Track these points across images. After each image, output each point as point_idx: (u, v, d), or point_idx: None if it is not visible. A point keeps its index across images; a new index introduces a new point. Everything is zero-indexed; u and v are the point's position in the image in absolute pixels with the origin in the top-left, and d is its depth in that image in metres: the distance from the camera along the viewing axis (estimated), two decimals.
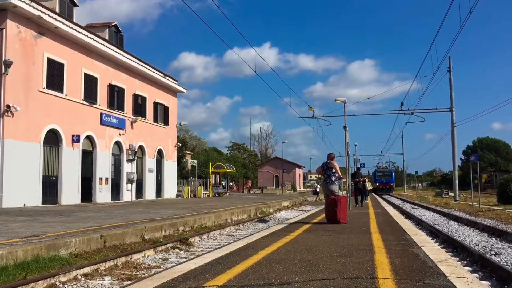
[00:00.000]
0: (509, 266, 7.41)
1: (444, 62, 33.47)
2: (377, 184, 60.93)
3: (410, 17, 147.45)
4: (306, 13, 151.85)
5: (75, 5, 24.49)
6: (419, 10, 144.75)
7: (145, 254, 8.54)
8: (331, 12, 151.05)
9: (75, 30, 21.65)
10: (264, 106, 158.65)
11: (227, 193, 42.94)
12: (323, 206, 13.23)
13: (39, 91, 19.71)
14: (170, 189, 32.44)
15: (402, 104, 35.01)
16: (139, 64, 27.92)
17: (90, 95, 23.22)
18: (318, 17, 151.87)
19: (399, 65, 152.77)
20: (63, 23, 20.72)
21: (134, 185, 27.13)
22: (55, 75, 20.69)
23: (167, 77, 31.86)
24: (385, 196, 50.48)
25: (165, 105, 31.98)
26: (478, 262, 7.74)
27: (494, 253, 8.80)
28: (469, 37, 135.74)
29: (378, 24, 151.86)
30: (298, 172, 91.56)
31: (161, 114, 31.45)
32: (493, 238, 11.51)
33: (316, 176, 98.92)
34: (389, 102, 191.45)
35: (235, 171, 51.36)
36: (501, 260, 8.01)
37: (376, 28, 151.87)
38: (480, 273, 7.07)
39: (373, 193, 52.21)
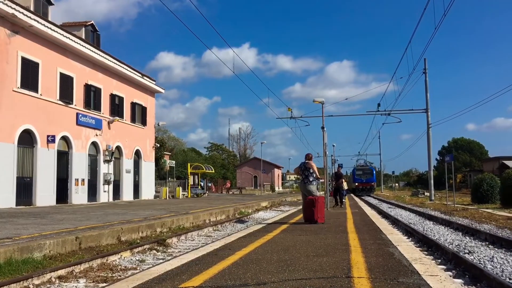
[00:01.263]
0: (481, 264, 7.56)
1: (420, 63, 34.03)
2: (356, 183, 55.82)
3: (388, 18, 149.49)
4: (285, 14, 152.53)
5: (51, 4, 24.09)
6: (397, 11, 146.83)
7: (121, 255, 8.45)
8: (310, 13, 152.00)
9: (50, 29, 21.30)
10: (243, 106, 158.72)
11: (206, 194, 42.79)
12: (301, 207, 13.29)
13: (13, 90, 19.33)
14: (148, 190, 32.18)
15: (379, 105, 35.48)
16: (116, 64, 27.62)
17: (65, 95, 22.87)
18: (297, 18, 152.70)
19: (377, 66, 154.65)
20: (38, 21, 20.37)
21: (111, 186, 26.81)
22: (29, 75, 20.32)
23: (145, 77, 31.59)
24: (364, 197, 47.88)
25: (143, 105, 31.71)
26: (452, 261, 7.88)
27: (467, 252, 8.97)
28: (445, 40, 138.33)
29: (356, 25, 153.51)
30: (277, 172, 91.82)
31: (139, 114, 31.17)
32: (467, 237, 11.73)
33: (294, 177, 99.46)
34: (366, 103, 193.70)
35: (213, 171, 51.22)
36: (474, 258, 8.16)
37: (354, 29, 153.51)
38: (453, 271, 7.19)
39: (352, 194, 50.40)
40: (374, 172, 58.63)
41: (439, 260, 8.19)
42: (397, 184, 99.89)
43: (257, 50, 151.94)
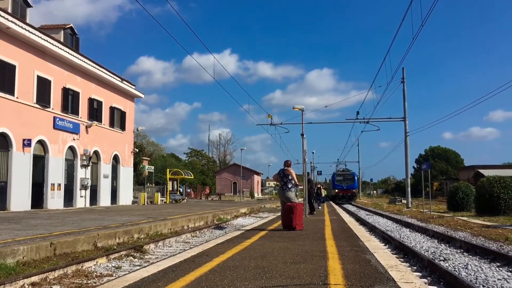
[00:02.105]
0: (456, 271, 7.67)
1: (398, 72, 34.58)
2: (336, 190, 51.64)
3: (368, 27, 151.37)
4: (266, 21, 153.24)
5: (29, 6, 23.77)
6: (376, 20, 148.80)
7: (97, 262, 8.34)
8: (291, 21, 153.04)
9: (28, 31, 20.99)
10: (223, 112, 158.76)
11: (185, 200, 42.51)
12: (280, 213, 13.31)
13: None
14: (126, 196, 31.83)
15: (358, 113, 35.86)
16: (95, 68, 27.35)
17: (43, 98, 22.51)
18: (278, 26, 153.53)
19: (356, 75, 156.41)
20: (15, 23, 20.05)
21: (88, 191, 26.45)
22: (5, 77, 19.95)
23: (124, 82, 31.34)
24: (345, 205, 44.59)
25: (122, 109, 31.42)
26: (428, 268, 7.98)
27: (443, 259, 9.10)
28: (423, 49, 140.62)
29: (336, 34, 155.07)
30: (257, 179, 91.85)
31: (118, 119, 30.87)
32: (442, 244, 11.90)
33: (274, 183, 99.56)
34: (346, 111, 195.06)
35: (193, 177, 50.92)
36: (449, 265, 8.28)
37: (334, 38, 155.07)
38: (429, 278, 7.29)
39: (331, 202, 47.31)
40: (356, 178, 54.40)
41: (415, 267, 8.29)
42: (375, 192, 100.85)
43: (238, 57, 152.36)
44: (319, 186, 32.76)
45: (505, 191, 20.60)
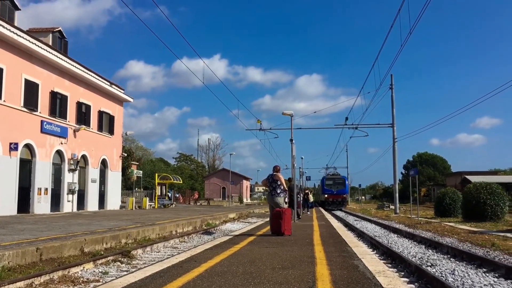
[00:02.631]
0: (443, 277, 7.72)
1: (387, 79, 34.78)
2: (326, 195, 48.15)
3: (358, 33, 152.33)
4: (257, 26, 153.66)
5: (17, 9, 23.61)
6: (366, 27, 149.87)
7: (84, 267, 8.26)
8: (282, 26, 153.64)
9: (16, 34, 20.82)
10: (213, 117, 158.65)
11: (173, 205, 42.33)
12: (269, 219, 13.31)
13: None
14: (114, 200, 31.61)
15: (346, 118, 35.97)
16: (84, 72, 27.19)
17: (30, 101, 22.32)
18: (268, 31, 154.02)
19: (346, 81, 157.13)
20: (3, 26, 19.89)
21: (75, 195, 26.22)
22: None
23: (113, 86, 31.19)
24: (335, 211, 42.58)
25: (111, 114, 31.25)
26: (415, 273, 8.02)
27: (430, 265, 9.15)
28: (411, 55, 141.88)
29: (326, 39, 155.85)
30: (245, 184, 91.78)
31: (106, 123, 30.70)
32: (430, 250, 11.98)
33: (263, 188, 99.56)
34: (335, 117, 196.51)
35: (181, 182, 50.79)
36: (436, 271, 8.33)
37: (324, 43, 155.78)
38: (416, 284, 7.33)
39: (320, 208, 45.21)
40: (347, 182, 50.58)
41: (403, 273, 8.33)
42: (363, 197, 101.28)
43: (227, 61, 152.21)
44: (307, 191, 32.78)
45: (491, 197, 20.81)
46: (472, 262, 9.43)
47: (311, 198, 30.95)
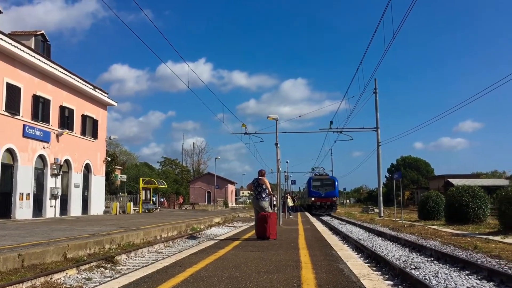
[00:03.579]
0: (427, 280, 7.79)
1: (371, 83, 35.11)
2: (313, 199, 42.68)
3: (342, 37, 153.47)
4: (242, 30, 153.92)
5: None
6: (350, 31, 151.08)
7: (66, 273, 8.16)
8: (266, 31, 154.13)
9: None
10: (197, 121, 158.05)
11: (158, 209, 42.05)
12: (254, 223, 13.30)
13: None
14: (98, 205, 31.28)
15: (331, 122, 36.19)
16: (67, 75, 26.91)
17: (12, 105, 22.00)
18: (253, 35, 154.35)
19: (330, 85, 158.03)
20: None
21: (58, 201, 25.88)
22: None
23: (97, 90, 30.92)
24: (323, 216, 38.36)
25: (94, 118, 30.97)
26: (399, 276, 8.08)
27: (414, 267, 9.23)
28: (395, 58, 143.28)
29: (311, 43, 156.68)
30: (231, 188, 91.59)
31: (90, 127, 30.40)
32: (414, 253, 12.08)
33: (248, 193, 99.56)
34: (320, 121, 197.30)
35: (166, 186, 50.50)
36: (420, 274, 8.40)
37: (309, 47, 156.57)
38: (400, 286, 7.39)
39: (306, 213, 40.07)
40: (337, 183, 44.71)
41: (387, 276, 8.39)
42: (348, 201, 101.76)
43: (212, 65, 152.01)
44: (286, 195, 32.49)
45: (473, 200, 21.06)
46: (455, 264, 9.54)
47: (290, 203, 30.67)
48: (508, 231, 15.38)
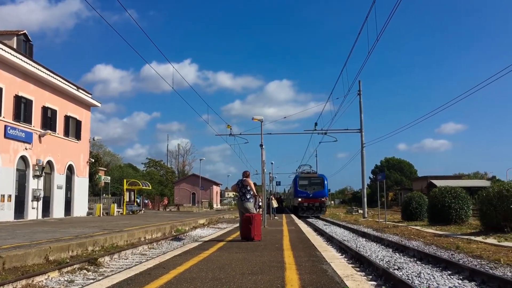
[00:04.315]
0: (409, 280, 7.87)
1: (355, 85, 35.32)
2: (300, 199, 38.75)
3: (327, 38, 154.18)
4: (227, 32, 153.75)
5: None
6: (335, 32, 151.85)
7: (48, 276, 8.06)
8: (252, 32, 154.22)
9: None
10: (182, 122, 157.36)
11: (142, 211, 41.76)
12: (238, 224, 13.29)
13: None
14: (81, 207, 30.95)
15: (316, 124, 36.26)
16: (50, 75, 26.60)
17: None
18: (239, 37, 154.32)
19: (315, 86, 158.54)
20: None
21: (40, 202, 25.55)
22: None
23: (80, 90, 30.62)
24: (311, 219, 34.89)
25: (78, 119, 30.66)
26: (382, 277, 8.15)
27: (397, 268, 9.32)
28: (379, 59, 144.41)
29: (297, 45, 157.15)
30: (216, 189, 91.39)
31: (73, 128, 30.09)
32: (397, 253, 12.19)
33: (233, 194, 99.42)
34: (304, 122, 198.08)
35: (150, 188, 50.19)
36: (403, 274, 8.48)
37: (295, 49, 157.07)
38: (383, 287, 7.45)
39: (292, 215, 36.83)
40: (326, 182, 40.37)
41: (370, 276, 8.45)
42: (332, 202, 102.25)
43: (197, 66, 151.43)
44: (271, 196, 32.41)
45: (456, 201, 21.33)
46: (437, 265, 9.65)
47: (274, 204, 30.54)
48: (490, 232, 15.61)
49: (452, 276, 8.23)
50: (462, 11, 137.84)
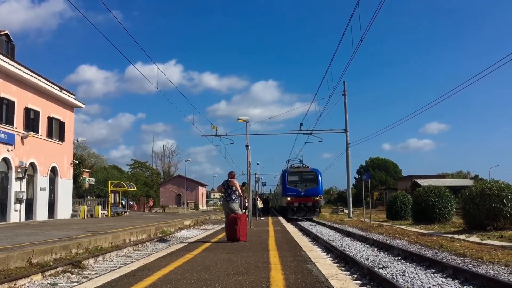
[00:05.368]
0: (394, 278, 7.93)
1: (340, 85, 35.49)
2: (289, 198, 32.27)
3: (312, 39, 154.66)
4: (212, 32, 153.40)
5: None
6: (320, 32, 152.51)
7: (31, 279, 7.96)
8: (237, 33, 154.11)
9: None
10: (168, 123, 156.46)
11: (127, 213, 41.45)
12: (224, 225, 13.27)
13: None
14: (65, 209, 30.60)
15: (301, 124, 36.28)
16: (32, 76, 26.25)
17: None
18: (224, 37, 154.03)
19: (301, 87, 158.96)
20: None
21: (23, 205, 25.20)
22: None
23: (63, 91, 30.29)
24: (301, 222, 30.46)
25: (61, 120, 30.32)
26: (367, 276, 8.20)
27: (381, 267, 9.38)
28: (364, 58, 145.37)
29: (283, 45, 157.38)
30: (201, 190, 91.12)
31: (56, 129, 29.74)
32: (382, 252, 12.28)
33: (219, 195, 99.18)
34: (290, 122, 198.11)
35: (136, 189, 49.84)
36: (387, 273, 8.55)
37: (281, 49, 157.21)
38: (368, 286, 7.49)
39: (280, 217, 30.92)
40: (320, 178, 33.62)
41: (355, 276, 8.49)
42: None
43: (183, 67, 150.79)
44: (256, 197, 31.95)
45: (439, 200, 21.55)
46: (421, 263, 9.74)
47: (260, 204, 30.15)
48: (473, 230, 15.81)
49: (436, 274, 8.31)
50: (444, 11, 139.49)
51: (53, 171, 29.36)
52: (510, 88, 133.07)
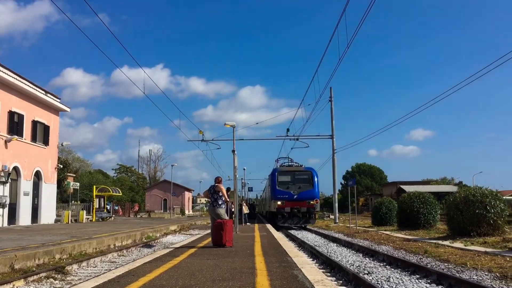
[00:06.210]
0: (379, 284, 7.97)
1: (326, 91, 35.67)
2: (279, 202, 27.60)
3: (300, 45, 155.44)
4: (199, 37, 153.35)
5: None
6: (308, 38, 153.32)
7: (14, 285, 7.84)
8: (224, 38, 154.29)
9: None
10: (154, 128, 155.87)
11: (112, 218, 41.08)
12: (210, 230, 13.22)
13: None
14: (48, 214, 30.22)
15: (288, 130, 36.30)
16: (17, 79, 25.96)
17: None
18: (211, 42, 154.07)
19: (288, 92, 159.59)
20: None
21: (6, 209, 24.83)
22: None
23: (48, 94, 29.99)
24: (294, 231, 26.53)
25: (46, 123, 30.00)
26: (353, 282, 8.23)
27: (367, 272, 9.42)
28: (351, 65, 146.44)
29: (270, 50, 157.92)
30: (187, 195, 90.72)
31: (41, 133, 29.41)
32: (367, 258, 12.33)
33: (205, 200, 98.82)
34: (277, 128, 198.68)
35: (121, 194, 49.46)
36: (372, 279, 8.59)
37: (268, 55, 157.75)
38: None
39: (268, 225, 25.80)
40: (316, 178, 28.57)
41: (341, 281, 8.52)
42: None
43: (169, 72, 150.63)
44: (242, 202, 31.46)
45: (424, 206, 21.72)
46: (406, 269, 9.80)
47: (245, 210, 29.74)
48: (457, 236, 15.96)
49: (420, 280, 8.37)
50: (434, 16, 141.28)
51: (37, 175, 29.00)
52: (492, 95, 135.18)
